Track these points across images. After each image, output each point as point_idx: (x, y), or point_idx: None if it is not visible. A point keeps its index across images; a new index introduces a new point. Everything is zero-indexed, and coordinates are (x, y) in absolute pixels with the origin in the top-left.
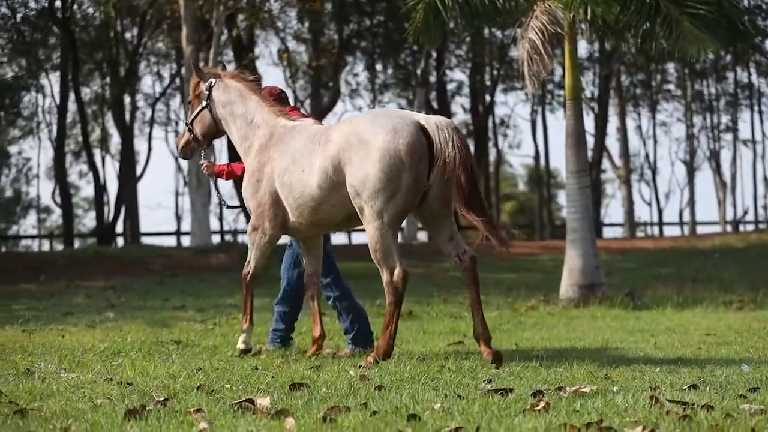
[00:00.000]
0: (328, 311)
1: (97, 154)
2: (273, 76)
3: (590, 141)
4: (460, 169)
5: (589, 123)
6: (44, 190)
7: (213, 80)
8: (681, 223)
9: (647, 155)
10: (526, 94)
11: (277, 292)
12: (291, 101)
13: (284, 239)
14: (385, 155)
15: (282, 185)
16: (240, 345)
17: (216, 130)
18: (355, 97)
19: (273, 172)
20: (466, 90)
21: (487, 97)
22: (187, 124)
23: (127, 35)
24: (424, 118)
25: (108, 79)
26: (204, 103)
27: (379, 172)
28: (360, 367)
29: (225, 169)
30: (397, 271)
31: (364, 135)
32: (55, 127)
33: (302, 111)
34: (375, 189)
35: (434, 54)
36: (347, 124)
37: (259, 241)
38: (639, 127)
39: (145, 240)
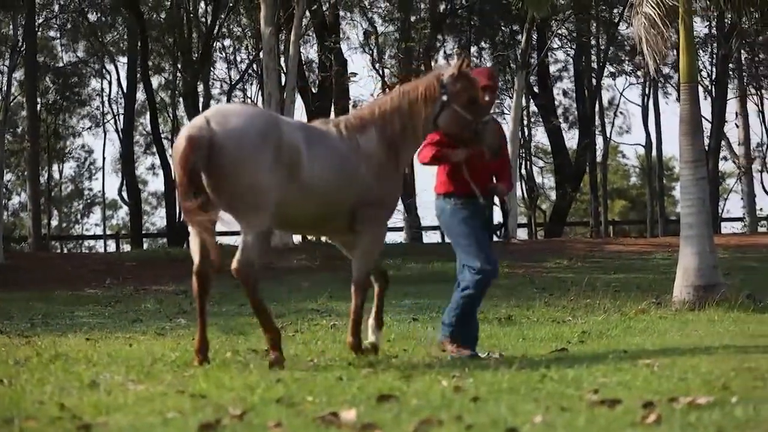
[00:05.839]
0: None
1: (167, 145)
2: (357, 61)
3: (707, 128)
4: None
5: (705, 108)
6: (110, 185)
7: None
8: None
9: None
10: (637, 77)
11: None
12: (377, 89)
13: None
14: None
15: None
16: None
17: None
18: None
19: None
20: (570, 73)
21: (593, 81)
22: None
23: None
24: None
25: (180, 65)
26: None
27: None
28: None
29: None
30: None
31: None
32: (122, 117)
33: None
34: None
35: (535, 35)
36: None
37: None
38: (761, 112)
39: (221, 240)
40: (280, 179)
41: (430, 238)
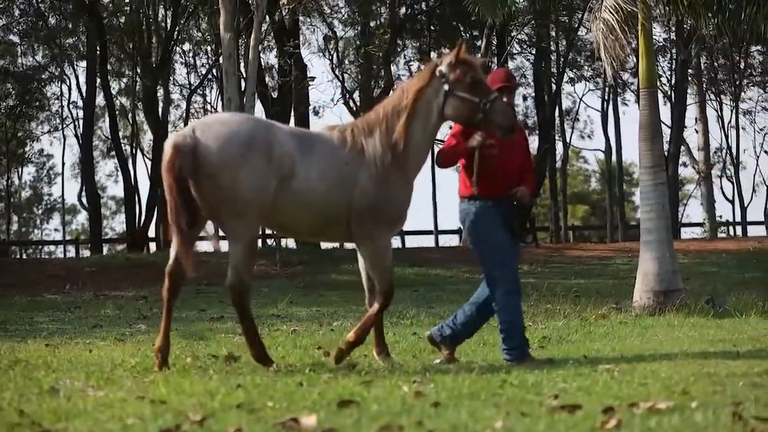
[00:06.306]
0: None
1: (127, 151)
2: (317, 65)
3: (666, 133)
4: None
5: (665, 113)
6: (69, 190)
7: None
8: (767, 223)
9: (729, 148)
10: (597, 82)
11: None
12: (337, 93)
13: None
14: None
15: None
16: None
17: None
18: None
19: None
20: (530, 79)
21: (553, 86)
22: None
23: (161, 21)
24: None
25: (139, 70)
26: None
27: None
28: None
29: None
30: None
31: None
32: (81, 122)
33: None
34: None
35: (495, 40)
36: None
37: None
38: (720, 118)
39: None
40: (267, 188)
41: None
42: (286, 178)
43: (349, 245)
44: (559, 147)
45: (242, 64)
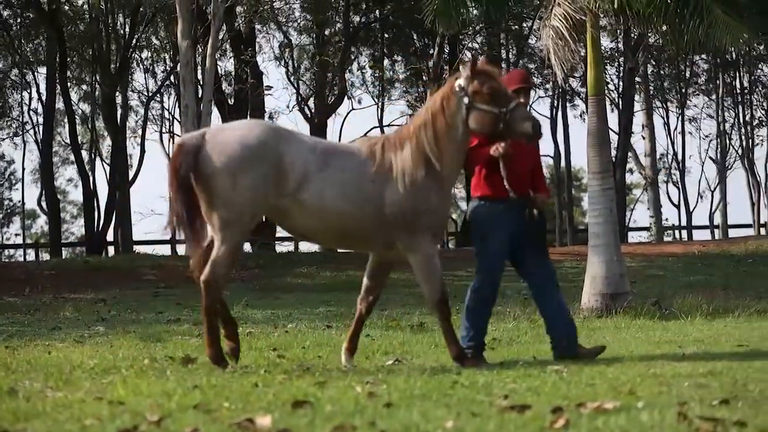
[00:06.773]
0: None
1: (86, 157)
2: (273, 73)
3: (614, 139)
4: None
5: (612, 120)
6: (29, 195)
7: None
8: (712, 227)
9: (675, 154)
10: (547, 89)
11: None
12: (293, 99)
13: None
14: None
15: None
16: None
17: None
18: (360, 94)
19: None
20: None
21: None
22: None
23: (120, 29)
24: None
25: (98, 76)
26: None
27: None
28: None
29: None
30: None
31: None
32: (41, 128)
33: None
34: None
35: (447, 48)
36: None
37: None
38: (666, 125)
39: (138, 249)
40: (267, 197)
41: None
42: (295, 189)
43: (303, 248)
44: None
45: (200, 72)
